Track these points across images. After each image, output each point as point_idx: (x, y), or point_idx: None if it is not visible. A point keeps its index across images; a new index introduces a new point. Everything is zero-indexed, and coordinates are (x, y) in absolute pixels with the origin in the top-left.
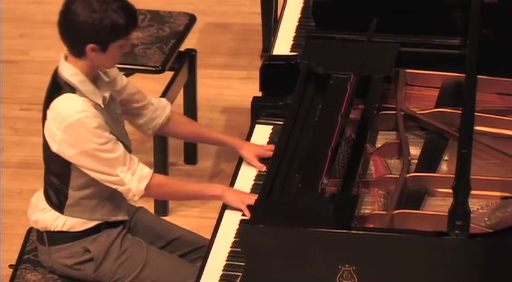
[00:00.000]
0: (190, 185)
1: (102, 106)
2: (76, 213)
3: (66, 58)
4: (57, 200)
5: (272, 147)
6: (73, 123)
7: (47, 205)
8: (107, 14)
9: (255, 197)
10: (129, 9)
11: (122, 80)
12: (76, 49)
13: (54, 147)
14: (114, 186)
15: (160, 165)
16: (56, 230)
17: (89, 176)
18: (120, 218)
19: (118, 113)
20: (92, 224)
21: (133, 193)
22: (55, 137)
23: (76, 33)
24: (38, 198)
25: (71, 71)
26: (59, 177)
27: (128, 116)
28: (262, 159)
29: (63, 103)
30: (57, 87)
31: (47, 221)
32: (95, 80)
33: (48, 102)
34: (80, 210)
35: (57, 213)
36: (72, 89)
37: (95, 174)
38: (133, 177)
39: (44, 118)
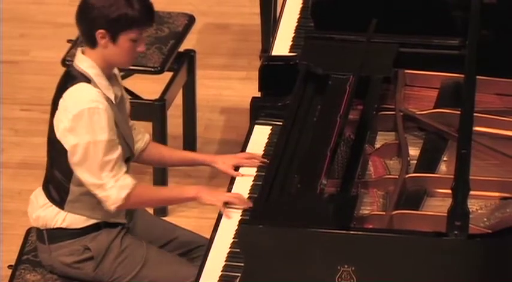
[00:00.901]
0: (167, 192)
1: (114, 102)
2: (76, 210)
3: (83, 52)
4: (57, 195)
5: (247, 154)
6: (84, 111)
7: (47, 201)
8: (118, 1)
9: (231, 194)
10: (143, 2)
11: (126, 94)
12: (87, 36)
13: (57, 134)
14: (95, 191)
15: (159, 167)
16: (55, 226)
17: None
18: (118, 220)
19: (127, 114)
20: (92, 221)
21: (112, 201)
22: (60, 124)
23: (86, 17)
24: (37, 196)
25: (87, 63)
26: (62, 171)
27: None
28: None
29: (77, 91)
30: (72, 77)
31: (47, 218)
32: (108, 78)
33: (60, 92)
34: (81, 206)
35: (57, 209)
36: (87, 80)
37: (81, 171)
38: (115, 185)
39: (55, 108)
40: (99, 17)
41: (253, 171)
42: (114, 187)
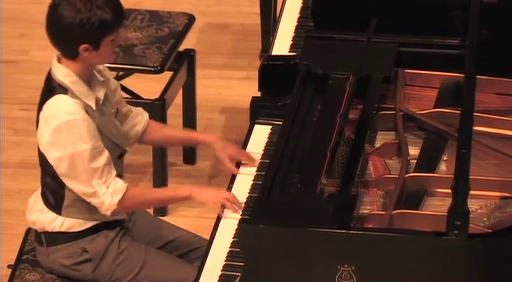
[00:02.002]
0: (160, 192)
1: (94, 108)
2: (73, 214)
3: (59, 60)
4: (54, 201)
5: (250, 155)
6: (61, 124)
7: (44, 206)
8: (93, 12)
9: (224, 192)
10: (113, 3)
11: (114, 81)
12: (69, 52)
13: (40, 148)
14: (89, 199)
15: (159, 166)
16: (54, 230)
17: None
18: (118, 217)
19: (112, 112)
20: (90, 224)
21: (106, 207)
22: (42, 138)
23: (66, 36)
24: (36, 199)
25: (63, 72)
26: (54, 178)
27: None
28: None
29: (55, 104)
30: (50, 89)
31: (45, 222)
32: (89, 80)
33: (41, 104)
34: (77, 211)
35: (54, 215)
36: (64, 90)
37: (71, 182)
38: (108, 190)
39: (37, 120)
40: (81, 33)
41: (253, 170)
42: (107, 193)
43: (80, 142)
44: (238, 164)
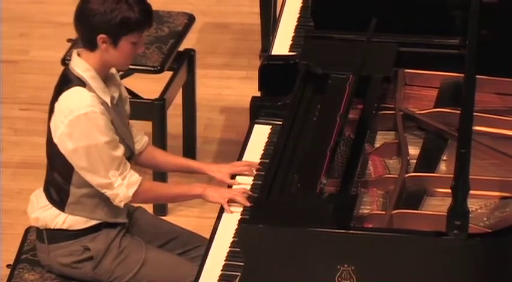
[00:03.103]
0: (174, 188)
1: (110, 105)
2: (77, 211)
3: (78, 55)
4: (58, 197)
5: (244, 162)
6: (80, 116)
7: (48, 202)
8: (119, 6)
9: (235, 191)
10: (143, 5)
11: (125, 91)
12: (88, 40)
13: (54, 139)
14: (103, 190)
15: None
16: (56, 227)
17: None
18: (119, 220)
19: (125, 114)
20: (92, 222)
21: (120, 199)
22: (57, 129)
23: (87, 22)
24: (37, 196)
25: (83, 66)
26: (61, 173)
27: None
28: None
29: (72, 96)
30: (67, 80)
31: (47, 219)
32: (105, 79)
33: (56, 95)
34: (81, 208)
35: (57, 211)
36: (82, 83)
37: (87, 174)
38: (123, 182)
39: (51, 111)
40: (101, 22)
41: (253, 170)
42: (122, 185)
43: (98, 134)
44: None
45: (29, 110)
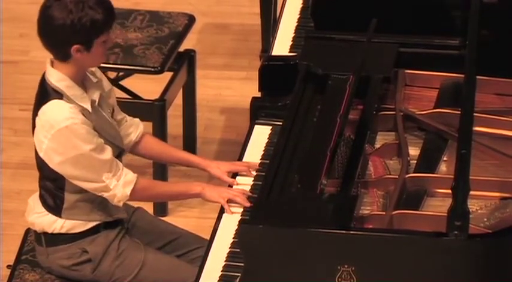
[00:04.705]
0: (172, 187)
1: (90, 111)
2: (74, 216)
3: (52, 64)
4: (53, 203)
5: (244, 163)
6: (61, 130)
7: (43, 209)
8: (85, 12)
9: (234, 191)
10: (105, 3)
11: (108, 83)
12: (61, 53)
13: (40, 154)
14: (100, 193)
15: (159, 166)
16: (54, 232)
17: None
18: (119, 215)
19: (109, 112)
20: (90, 224)
21: (118, 198)
22: (42, 145)
23: (57, 37)
24: (34, 201)
25: (57, 77)
26: (53, 181)
27: None
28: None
29: (51, 110)
30: (45, 94)
31: (44, 224)
32: (83, 82)
33: (36, 109)
34: (78, 212)
35: (54, 217)
36: (59, 95)
37: (81, 182)
38: (119, 183)
39: (34, 125)
40: (72, 34)
41: (253, 171)
42: (118, 185)
43: (82, 144)
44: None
45: (29, 110)
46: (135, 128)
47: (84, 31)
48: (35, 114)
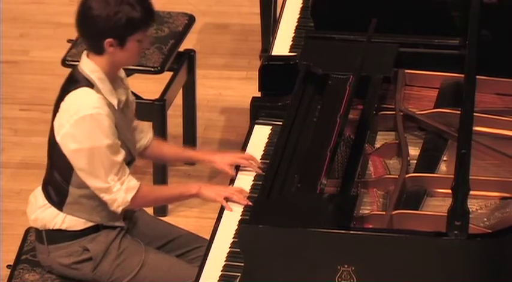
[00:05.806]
0: (170, 190)
1: (116, 108)
2: (75, 212)
3: (87, 55)
4: (56, 196)
5: (247, 155)
6: (85, 117)
7: (46, 201)
8: (122, 7)
9: (231, 190)
10: (145, 2)
11: (132, 96)
12: (95, 45)
13: (57, 138)
14: (101, 194)
15: (159, 166)
16: (54, 228)
17: None
18: (117, 224)
19: (130, 118)
20: (90, 224)
21: (118, 203)
22: (62, 128)
23: (92, 28)
24: (36, 196)
25: (91, 67)
26: (61, 172)
27: None
28: (262, 161)
29: (79, 96)
30: (75, 81)
31: (46, 219)
32: (113, 81)
33: (63, 94)
34: (79, 209)
35: (56, 211)
36: (90, 84)
37: (86, 176)
38: (122, 188)
39: (56, 110)
40: (107, 26)
41: (252, 171)
42: (121, 190)
43: (101, 136)
44: (237, 166)
45: (29, 110)
46: (145, 134)
47: (118, 26)
48: (60, 99)
